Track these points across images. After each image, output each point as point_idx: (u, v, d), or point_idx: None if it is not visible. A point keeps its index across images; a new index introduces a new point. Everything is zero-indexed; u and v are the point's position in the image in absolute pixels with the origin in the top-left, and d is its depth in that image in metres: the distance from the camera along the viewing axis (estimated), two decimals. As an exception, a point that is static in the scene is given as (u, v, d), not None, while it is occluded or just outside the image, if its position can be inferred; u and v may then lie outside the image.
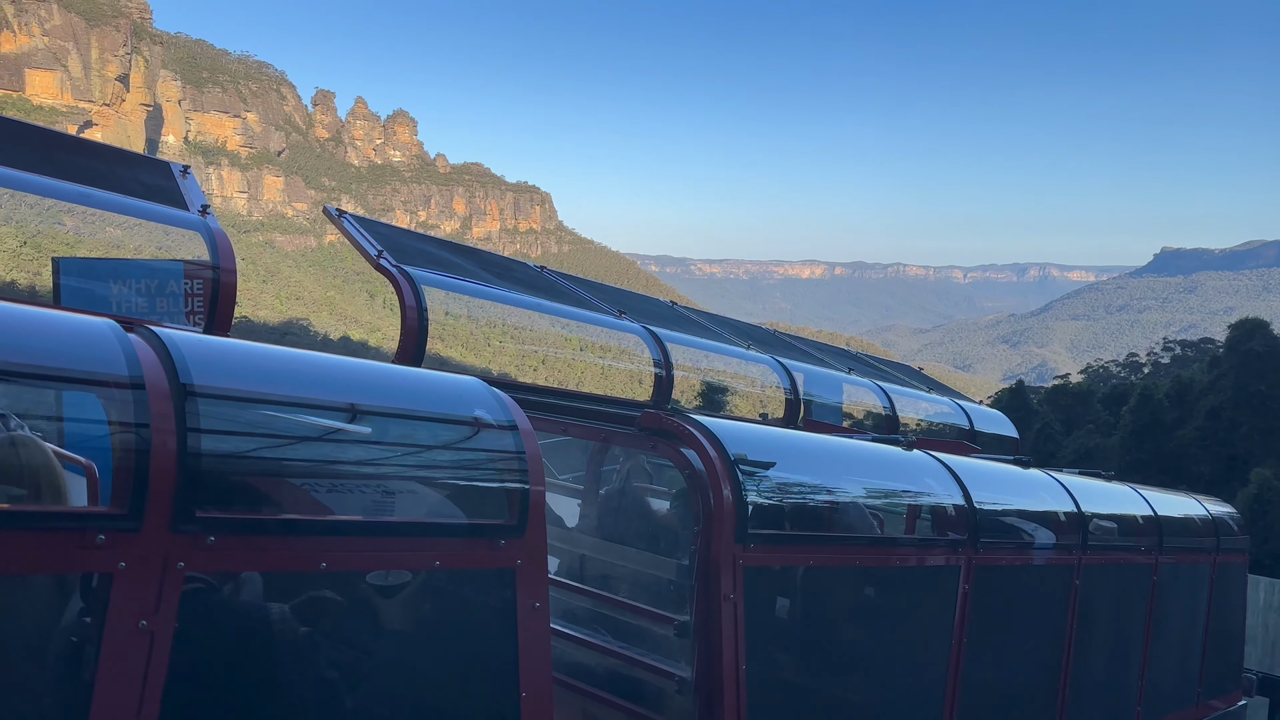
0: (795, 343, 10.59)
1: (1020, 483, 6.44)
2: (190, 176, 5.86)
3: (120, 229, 5.38)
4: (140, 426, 2.41)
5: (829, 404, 9.58)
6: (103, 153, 5.75)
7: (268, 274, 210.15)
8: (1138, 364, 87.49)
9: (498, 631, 3.20)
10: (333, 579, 2.76)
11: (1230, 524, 9.30)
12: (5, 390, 2.34)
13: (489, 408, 3.36)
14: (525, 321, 7.08)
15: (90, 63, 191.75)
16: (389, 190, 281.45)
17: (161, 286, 5.62)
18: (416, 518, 3.07)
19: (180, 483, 2.42)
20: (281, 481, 2.82)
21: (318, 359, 3.18)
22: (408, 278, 5.58)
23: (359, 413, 3.05)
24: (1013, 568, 5.91)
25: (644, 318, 7.45)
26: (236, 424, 2.71)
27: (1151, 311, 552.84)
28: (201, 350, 2.69)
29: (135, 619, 2.36)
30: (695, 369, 8.09)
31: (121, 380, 2.44)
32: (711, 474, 3.99)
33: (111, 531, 2.33)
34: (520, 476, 3.25)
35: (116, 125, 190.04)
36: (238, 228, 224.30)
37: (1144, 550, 7.34)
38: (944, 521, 5.32)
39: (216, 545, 2.50)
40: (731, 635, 3.97)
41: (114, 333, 2.55)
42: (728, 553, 3.98)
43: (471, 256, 7.13)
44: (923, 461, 5.44)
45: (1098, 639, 6.78)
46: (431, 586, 3.06)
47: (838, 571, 4.81)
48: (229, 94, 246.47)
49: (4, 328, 2.40)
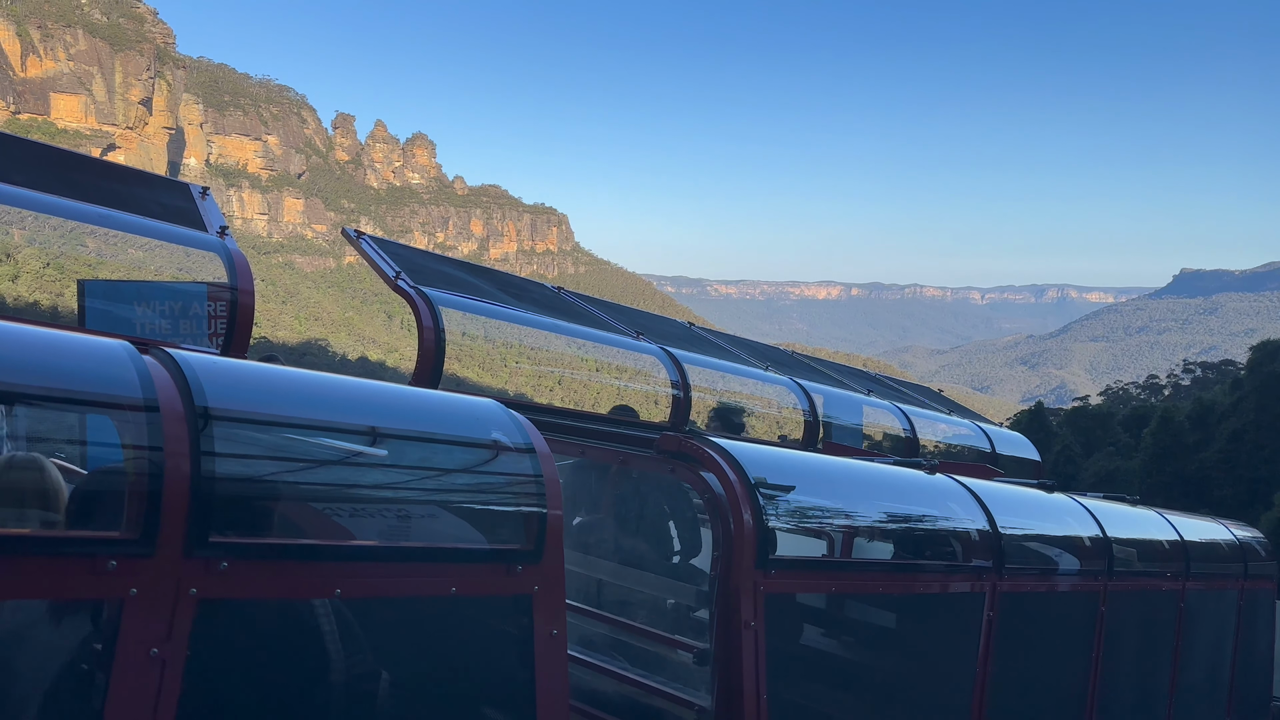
0: (813, 364, 10.52)
1: (1045, 507, 6.33)
2: (209, 198, 5.88)
3: (141, 250, 5.39)
4: (153, 449, 2.37)
5: (848, 426, 9.50)
6: (123, 174, 5.78)
7: (287, 295, 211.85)
8: (1158, 386, 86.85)
9: (514, 659, 3.14)
10: (347, 605, 2.72)
11: (1258, 549, 9.13)
12: (19, 412, 2.31)
13: (506, 430, 3.31)
14: (541, 342, 7.05)
15: (114, 86, 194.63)
16: (407, 212, 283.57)
17: (183, 308, 5.63)
18: (432, 542, 3.02)
19: (193, 507, 2.38)
20: (296, 505, 2.78)
21: (334, 381, 3.15)
22: (425, 299, 5.57)
23: (375, 435, 3.02)
24: (1038, 594, 5.80)
25: (661, 339, 7.41)
26: (251, 447, 2.67)
27: (1171, 333, 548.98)
28: (217, 372, 2.66)
29: (147, 646, 2.31)
30: (713, 390, 8.03)
31: (135, 402, 2.41)
32: (731, 498, 3.92)
33: (123, 557, 2.29)
34: (538, 500, 3.20)
35: (139, 148, 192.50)
36: (258, 249, 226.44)
37: (1170, 576, 7.20)
38: (968, 547, 5.22)
39: (230, 571, 2.45)
40: (752, 663, 3.88)
41: (128, 354, 2.52)
42: (748, 579, 3.90)
43: (488, 277, 7.11)
44: (946, 485, 5.35)
45: (1124, 667, 6.64)
46: (447, 613, 3.01)
47: (861, 598, 4.73)
48: (250, 117, 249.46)
49: (17, 349, 2.38)
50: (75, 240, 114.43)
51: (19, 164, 4.63)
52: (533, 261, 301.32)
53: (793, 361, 10.00)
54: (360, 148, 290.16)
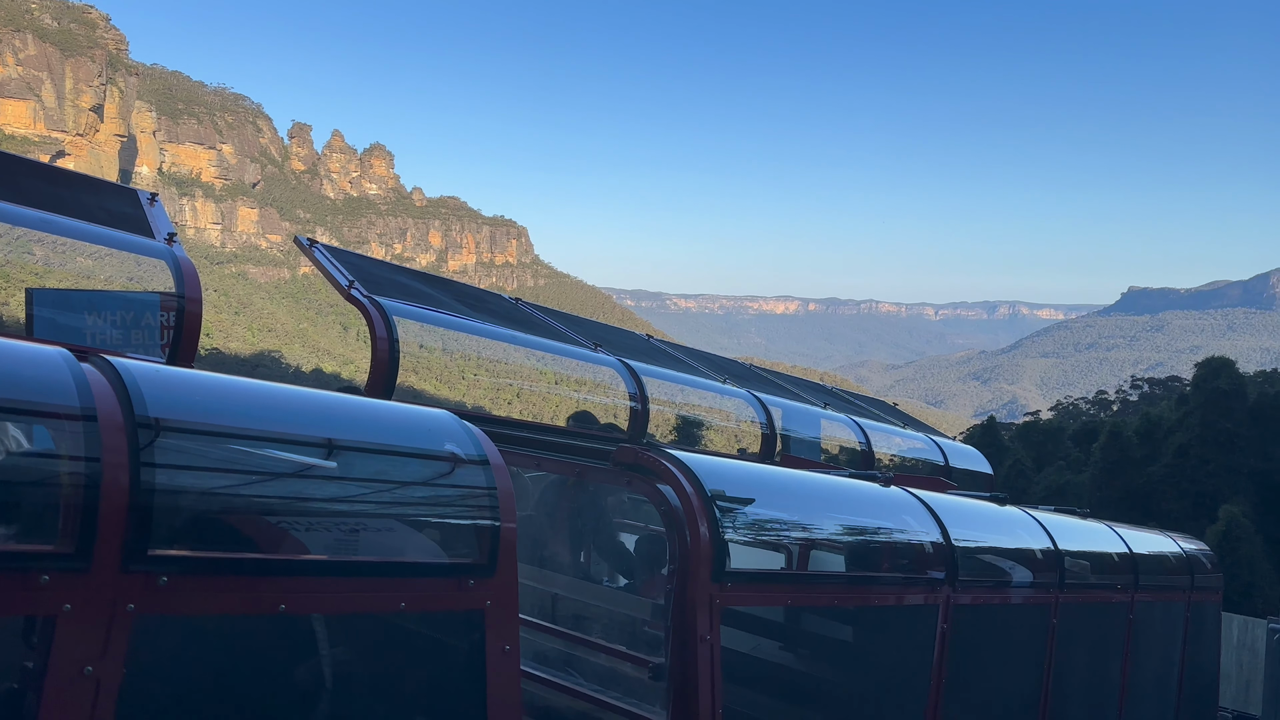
0: (771, 377, 10.55)
1: (997, 520, 6.39)
2: (158, 204, 5.75)
3: (90, 259, 5.25)
4: (90, 460, 2.29)
5: (806, 439, 9.53)
6: (68, 179, 5.63)
7: (240, 305, 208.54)
8: (1107, 401, 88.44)
9: (466, 675, 3.08)
10: (293, 621, 2.64)
11: (1204, 562, 9.30)
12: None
13: (459, 441, 3.26)
14: (499, 354, 6.98)
15: (64, 93, 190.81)
16: (364, 223, 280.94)
17: (130, 317, 5.48)
18: (381, 557, 2.96)
19: (132, 520, 2.30)
20: (240, 519, 2.70)
21: (281, 391, 3.07)
22: (379, 308, 5.49)
23: (324, 447, 2.94)
24: (991, 607, 5.84)
25: (620, 351, 7.38)
26: (193, 458, 2.59)
27: (1120, 349, 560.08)
28: (158, 381, 2.58)
29: (80, 665, 2.23)
30: (671, 403, 8.01)
31: (72, 411, 2.33)
32: (688, 510, 3.89)
33: (56, 571, 2.21)
34: (491, 513, 3.15)
35: (90, 155, 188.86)
36: (211, 259, 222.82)
37: (1120, 589, 7.30)
38: (922, 560, 5.25)
39: (170, 586, 2.37)
40: (708, 677, 3.85)
41: (65, 362, 2.43)
42: (704, 592, 3.87)
43: (445, 288, 7.04)
44: (901, 498, 5.37)
45: (1075, 678, 6.71)
46: (396, 628, 2.94)
47: (816, 611, 4.73)
48: (204, 125, 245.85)
49: (-53, 356, 2.29)
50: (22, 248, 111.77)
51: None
52: (492, 274, 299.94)
53: (750, 374, 10.02)
54: (317, 157, 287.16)
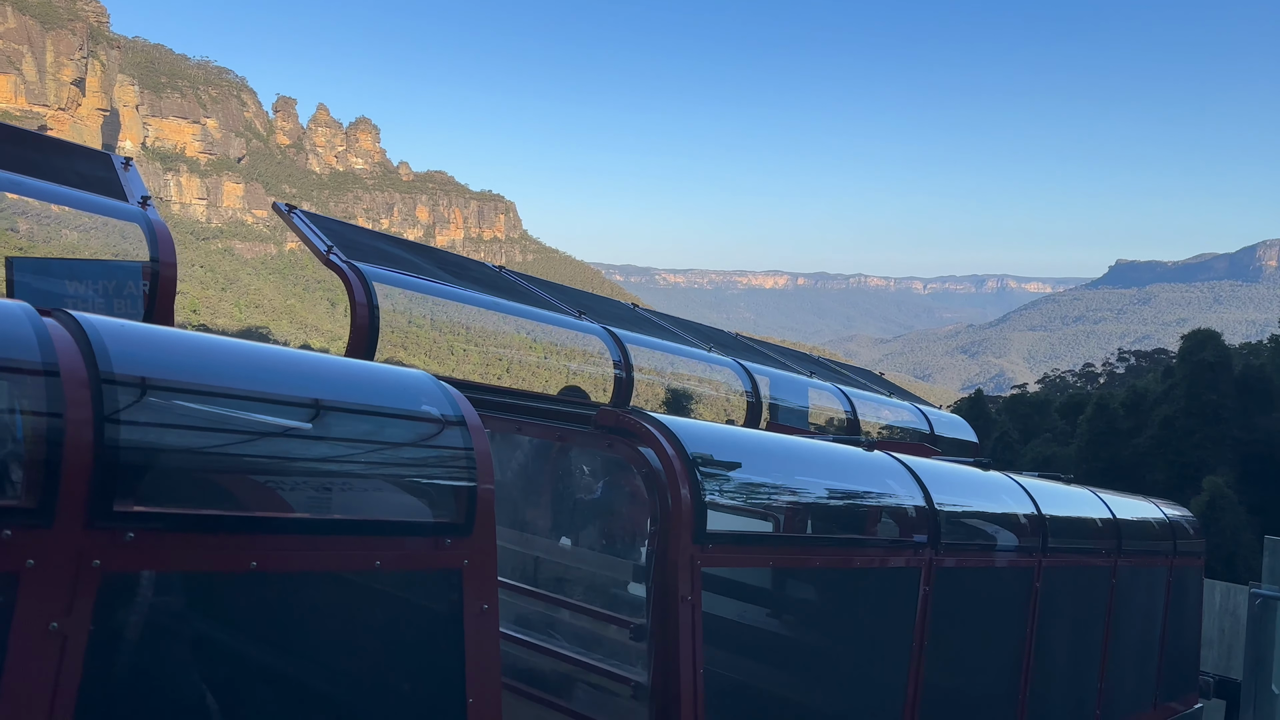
0: (756, 346, 10.54)
1: (981, 485, 6.40)
2: (132, 168, 5.66)
3: (76, 232, 5.20)
4: (53, 415, 2.25)
5: (792, 407, 9.53)
6: (39, 142, 5.54)
7: (226, 281, 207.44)
8: (1093, 374, 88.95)
9: (443, 634, 3.06)
10: (264, 579, 2.61)
11: (1187, 528, 9.36)
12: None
13: (436, 402, 3.22)
14: (483, 322, 6.93)
15: (45, 66, 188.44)
16: (351, 198, 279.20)
17: (104, 281, 5.42)
18: (356, 515, 2.92)
19: (96, 475, 2.26)
20: (209, 475, 2.66)
21: (252, 348, 3.02)
22: (358, 273, 5.43)
23: (297, 404, 2.90)
24: (973, 570, 5.86)
25: (604, 319, 7.34)
26: (160, 414, 2.54)
27: (1107, 323, 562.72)
28: (123, 336, 2.53)
29: (45, 620, 2.19)
30: (656, 371, 7.99)
31: (33, 365, 2.28)
32: (669, 473, 3.87)
33: (18, 527, 2.17)
34: (468, 474, 3.12)
35: (72, 130, 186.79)
36: (196, 234, 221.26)
37: (1103, 553, 7.33)
38: (905, 523, 5.25)
39: (136, 542, 2.34)
40: (689, 638, 3.85)
41: (27, 315, 2.38)
42: (685, 554, 3.86)
43: (427, 255, 6.97)
44: (883, 462, 5.37)
45: (1057, 641, 6.76)
46: (372, 587, 2.91)
47: (798, 573, 4.72)
48: (188, 99, 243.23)
49: (-98, 308, 2.24)
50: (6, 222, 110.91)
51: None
52: (480, 249, 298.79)
53: (736, 343, 10.00)
54: (302, 131, 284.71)
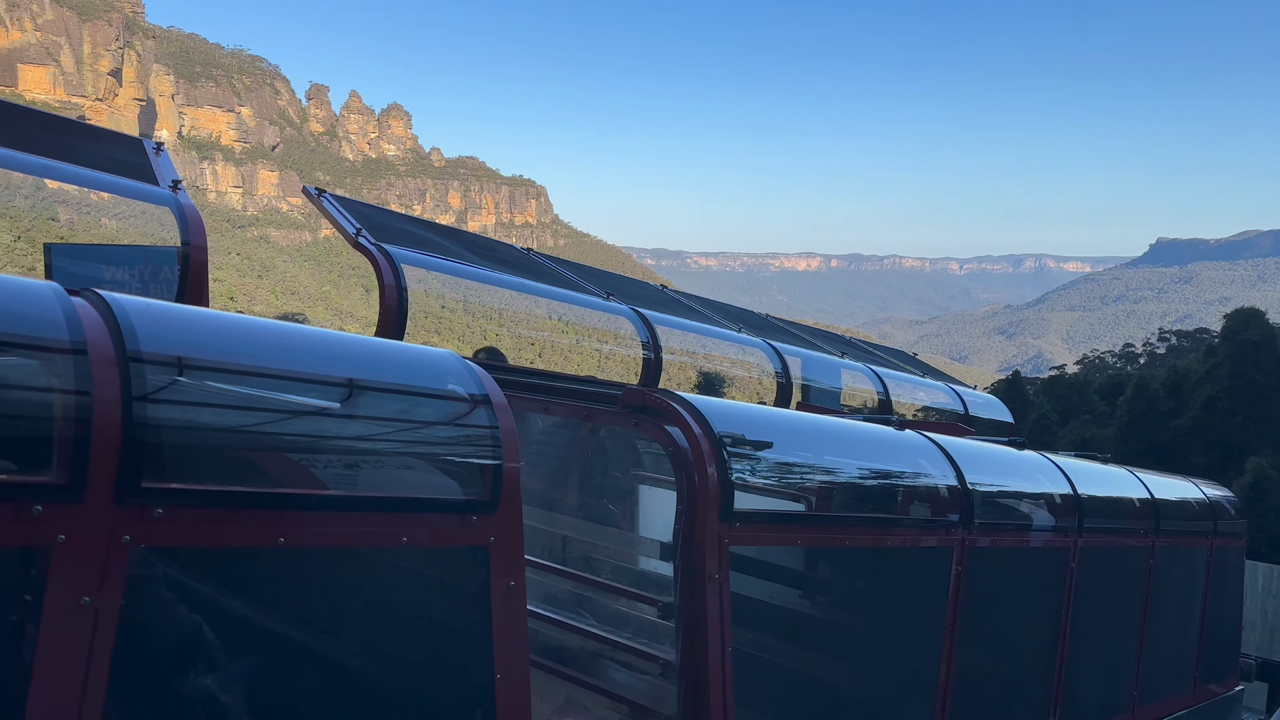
0: (787, 327, 10.47)
1: (1015, 464, 6.32)
2: (164, 153, 5.72)
3: (114, 220, 5.27)
4: (82, 393, 2.28)
5: (823, 388, 9.48)
6: (72, 129, 5.61)
7: (263, 269, 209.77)
8: (1134, 354, 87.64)
9: (470, 611, 3.08)
10: (292, 555, 2.63)
11: (1227, 508, 9.19)
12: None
13: (462, 380, 3.23)
14: (514, 305, 6.94)
15: (82, 57, 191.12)
16: (384, 184, 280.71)
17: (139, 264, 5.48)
18: (382, 492, 2.94)
19: (125, 452, 2.29)
20: (237, 453, 2.68)
21: (279, 327, 3.04)
22: (386, 256, 5.46)
23: (324, 382, 2.92)
24: (1007, 550, 5.80)
25: (632, 300, 7.32)
26: (188, 392, 2.57)
27: (1147, 302, 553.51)
28: (151, 315, 2.56)
29: (77, 595, 2.23)
30: (685, 352, 7.97)
31: (62, 344, 2.31)
32: (696, 451, 3.86)
33: (50, 502, 2.20)
34: (494, 451, 3.13)
35: (109, 120, 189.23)
36: (233, 223, 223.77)
37: (1140, 533, 7.23)
38: (936, 502, 5.20)
39: (165, 518, 2.37)
40: (717, 617, 3.85)
41: (55, 295, 2.42)
42: (713, 532, 3.85)
43: (455, 237, 7.00)
44: (914, 441, 5.31)
45: (1093, 623, 6.67)
46: (398, 564, 2.93)
47: (826, 552, 4.70)
48: (222, 88, 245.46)
49: (-65, 288, 2.27)
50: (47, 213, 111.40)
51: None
52: (511, 234, 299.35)
53: (766, 324, 9.95)
54: (335, 119, 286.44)
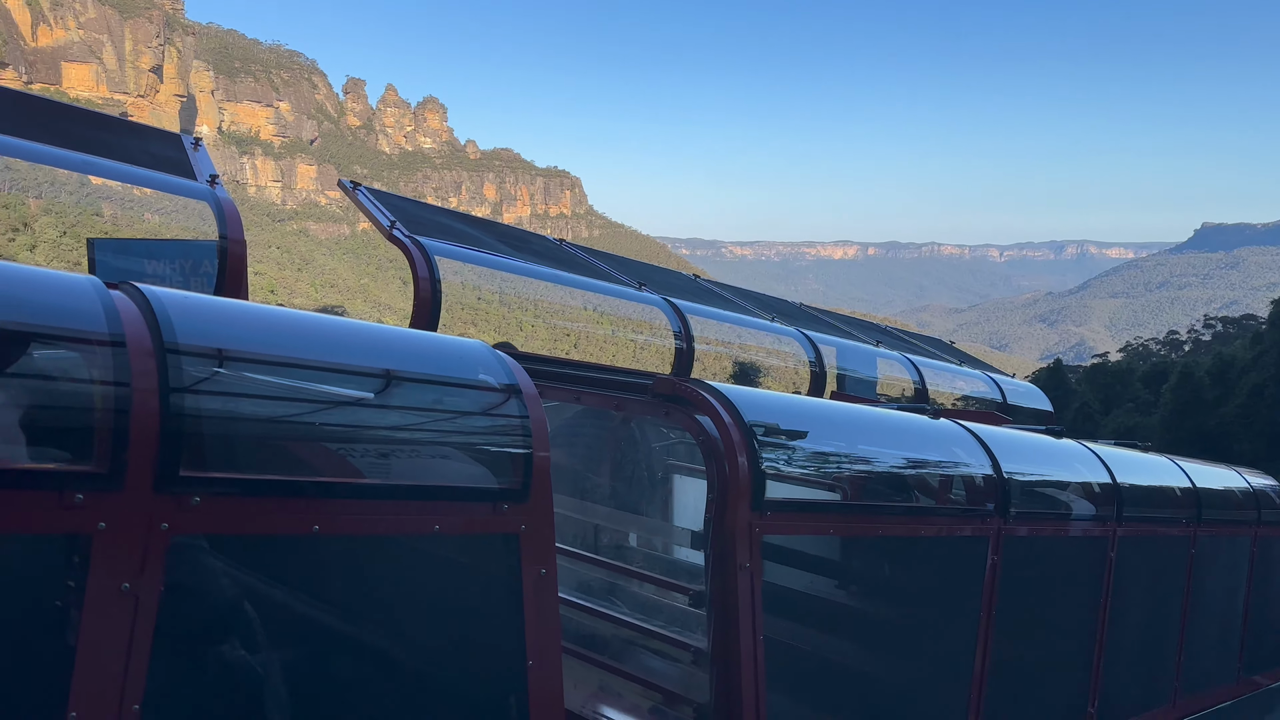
0: (821, 316, 10.41)
1: (1052, 452, 6.25)
2: (202, 149, 5.81)
3: (157, 215, 5.36)
4: (120, 384, 2.33)
5: (858, 377, 9.42)
6: (113, 125, 5.71)
7: (302, 262, 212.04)
8: (1178, 341, 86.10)
9: (502, 598, 3.11)
10: (326, 542, 2.68)
11: (1272, 496, 9.01)
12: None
13: (492, 371, 3.26)
14: (549, 296, 6.97)
15: (124, 54, 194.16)
16: (420, 177, 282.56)
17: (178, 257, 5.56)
18: (414, 480, 2.98)
19: (163, 442, 2.34)
20: (272, 442, 2.73)
21: (312, 318, 3.09)
22: (420, 248, 5.50)
23: (355, 372, 2.96)
24: (1044, 538, 5.74)
25: (664, 289, 7.32)
26: (224, 383, 2.62)
27: (1192, 288, 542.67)
28: (187, 307, 2.61)
29: (117, 581, 2.29)
30: (718, 342, 7.95)
31: (102, 337, 2.37)
32: (726, 441, 3.86)
33: (91, 491, 2.26)
34: (524, 441, 3.15)
35: (151, 116, 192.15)
36: (272, 216, 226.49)
37: (1182, 522, 7.12)
38: (971, 490, 5.16)
39: (202, 506, 2.42)
40: (748, 605, 3.85)
41: (95, 289, 2.47)
42: (743, 521, 3.86)
43: (488, 229, 7.04)
44: (948, 430, 5.27)
45: (1133, 613, 6.59)
46: (430, 551, 2.97)
47: (859, 541, 4.68)
48: (261, 83, 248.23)
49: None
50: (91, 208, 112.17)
51: (6, 113, 4.58)
52: (546, 225, 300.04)
53: (800, 313, 9.90)
54: (372, 113, 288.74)
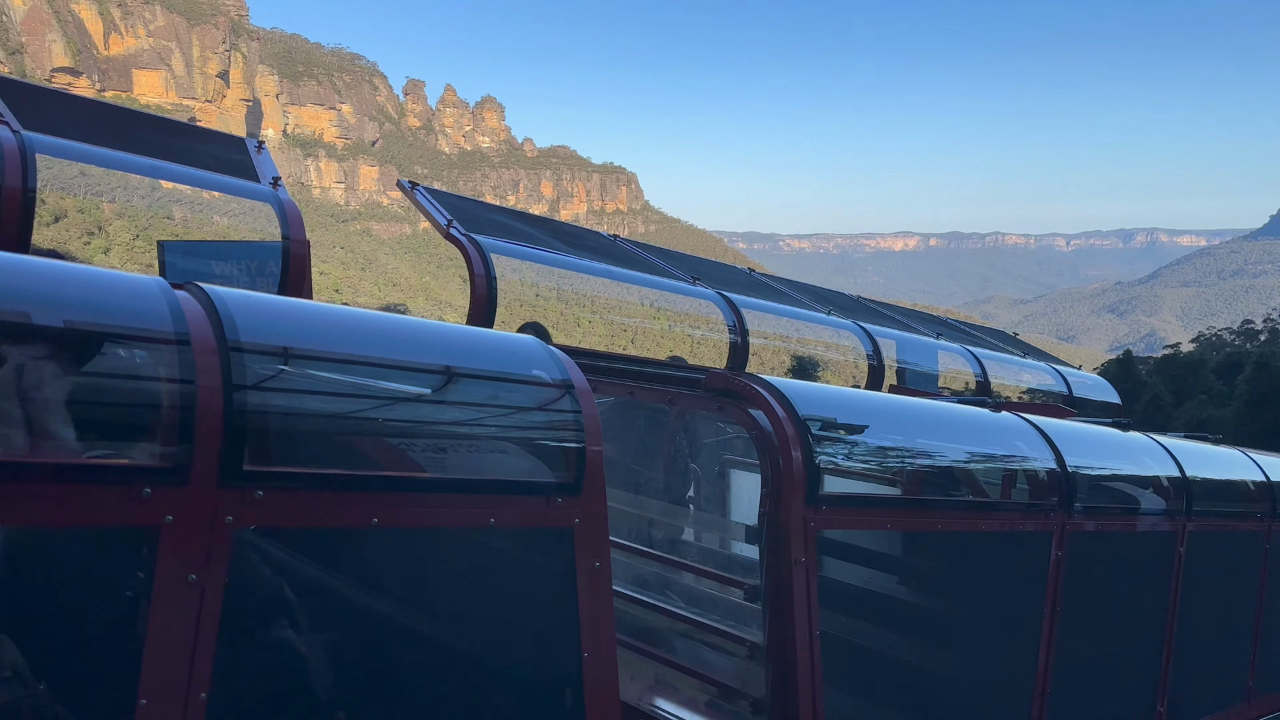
0: (879, 308, 10.29)
1: (1119, 445, 6.10)
2: (265, 151, 5.95)
3: (225, 217, 5.51)
4: (186, 382, 2.40)
5: (917, 370, 9.29)
6: (179, 129, 5.89)
7: (366, 261, 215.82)
8: (1253, 331, 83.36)
9: (556, 591, 3.14)
10: (385, 534, 2.73)
11: (1355, 491, 8.68)
12: (52, 345, 2.36)
13: (546, 366, 3.29)
14: (605, 292, 7.00)
15: (192, 61, 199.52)
16: (479, 176, 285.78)
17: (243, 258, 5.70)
18: (470, 474, 3.02)
19: (227, 437, 2.41)
20: (332, 437, 2.80)
21: (371, 316, 3.15)
22: (476, 246, 5.57)
23: (411, 368, 3.02)
24: (1110, 534, 5.61)
25: (718, 284, 7.31)
26: (285, 380, 2.69)
27: (1268, 276, 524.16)
28: (249, 306, 2.68)
29: (184, 572, 2.36)
30: (774, 336, 7.91)
31: (168, 336, 2.44)
32: (780, 435, 3.84)
33: (158, 485, 2.33)
34: (577, 435, 3.18)
35: (218, 120, 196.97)
36: (336, 217, 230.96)
37: (1256, 517, 6.89)
38: (1034, 485, 5.06)
39: (265, 500, 2.48)
40: (804, 600, 3.83)
41: (161, 290, 2.55)
42: (798, 516, 3.84)
43: (543, 226, 7.10)
44: (1010, 423, 5.18)
45: (1204, 610, 6.40)
46: (486, 544, 3.01)
47: (917, 536, 4.62)
48: (324, 86, 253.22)
49: (53, 285, 2.43)
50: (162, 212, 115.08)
51: (76, 120, 4.75)
52: (602, 221, 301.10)
53: (857, 306, 9.80)
54: (431, 113, 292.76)
